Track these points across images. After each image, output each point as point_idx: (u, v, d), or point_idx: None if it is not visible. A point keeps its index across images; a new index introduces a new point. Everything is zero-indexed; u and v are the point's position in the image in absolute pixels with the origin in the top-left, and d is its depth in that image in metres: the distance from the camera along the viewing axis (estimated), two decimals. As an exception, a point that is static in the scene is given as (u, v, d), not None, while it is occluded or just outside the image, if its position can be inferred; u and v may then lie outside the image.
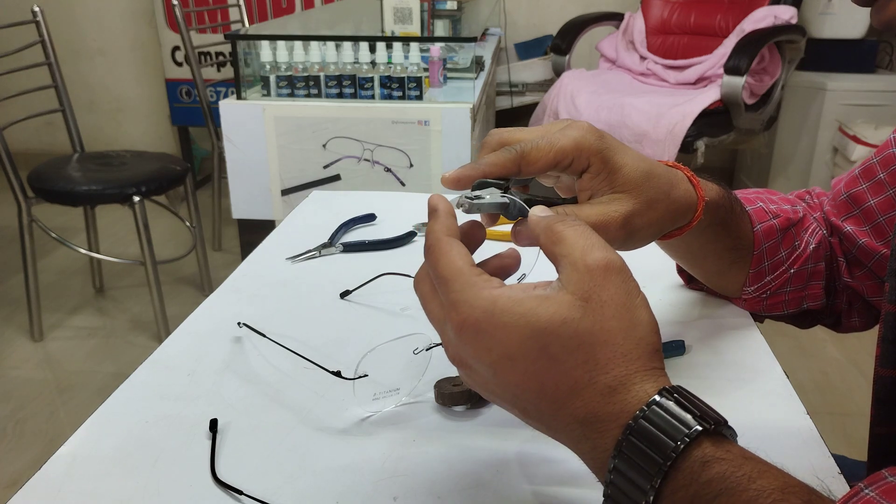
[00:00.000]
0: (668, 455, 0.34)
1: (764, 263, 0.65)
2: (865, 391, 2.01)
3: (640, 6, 3.08)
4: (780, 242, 0.66)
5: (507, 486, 0.50)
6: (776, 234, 0.65)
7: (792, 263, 0.66)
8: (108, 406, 0.59)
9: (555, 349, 0.37)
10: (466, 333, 0.38)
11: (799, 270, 0.67)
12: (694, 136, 2.50)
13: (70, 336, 2.31)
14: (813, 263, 0.68)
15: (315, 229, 0.93)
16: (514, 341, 0.37)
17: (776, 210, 0.66)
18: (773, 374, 0.63)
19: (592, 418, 0.36)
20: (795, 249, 0.67)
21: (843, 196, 0.69)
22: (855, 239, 0.67)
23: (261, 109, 1.99)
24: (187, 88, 3.43)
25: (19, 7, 2.47)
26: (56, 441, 0.54)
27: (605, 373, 0.36)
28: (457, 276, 0.39)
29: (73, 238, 2.57)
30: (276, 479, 0.51)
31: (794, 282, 0.67)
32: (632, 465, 0.35)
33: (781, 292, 0.68)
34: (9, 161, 2.07)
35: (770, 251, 0.65)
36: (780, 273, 0.66)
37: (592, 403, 0.36)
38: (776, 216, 0.65)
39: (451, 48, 2.31)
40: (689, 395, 0.37)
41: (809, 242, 0.67)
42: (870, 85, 2.95)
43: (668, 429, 0.34)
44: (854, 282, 0.69)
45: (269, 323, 0.70)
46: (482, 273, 0.40)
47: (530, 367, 0.37)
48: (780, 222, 0.65)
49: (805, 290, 0.68)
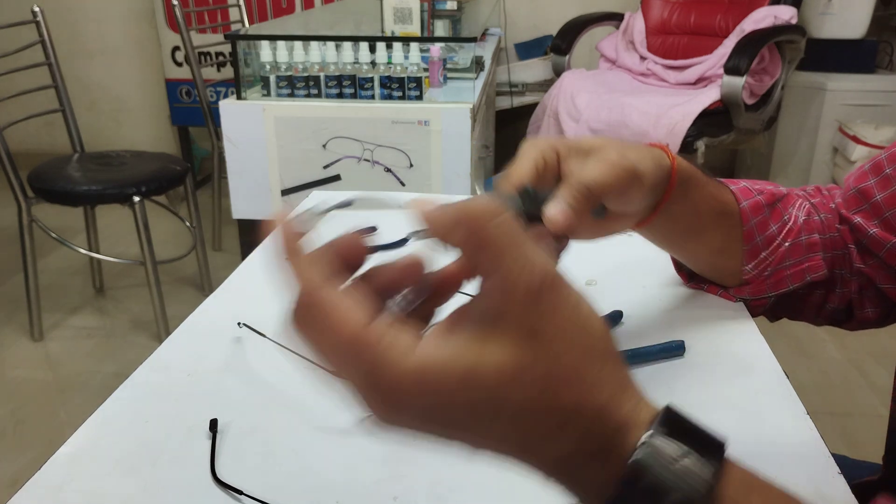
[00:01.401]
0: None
1: (756, 238, 0.67)
2: (866, 391, 2.01)
3: (640, 6, 3.08)
4: (768, 217, 0.67)
5: (508, 486, 0.50)
6: (763, 209, 0.67)
7: (785, 237, 0.68)
8: (108, 406, 0.59)
9: (512, 408, 0.30)
10: (399, 418, 0.31)
11: (793, 243, 0.68)
12: (694, 136, 2.50)
13: (70, 336, 2.31)
14: (806, 235, 0.69)
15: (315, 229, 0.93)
16: (460, 413, 0.30)
17: (760, 188, 0.68)
18: (773, 374, 0.63)
19: (567, 456, 0.32)
20: (786, 224, 0.68)
21: (853, 191, 0.70)
22: (865, 229, 0.68)
23: (261, 109, 1.99)
24: (187, 88, 3.43)
25: (19, 7, 2.47)
26: (56, 441, 0.54)
27: (576, 414, 0.31)
28: (356, 346, 0.30)
29: (73, 238, 2.57)
30: (276, 479, 0.51)
31: (792, 255, 0.68)
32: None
33: (782, 268, 0.68)
34: (9, 161, 2.07)
35: (760, 226, 0.67)
36: (774, 247, 0.68)
37: (566, 445, 0.32)
38: (761, 193, 0.67)
39: (451, 48, 2.31)
40: (681, 420, 0.32)
41: (798, 216, 0.69)
42: (870, 85, 2.96)
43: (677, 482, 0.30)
44: (867, 268, 0.70)
45: (269, 323, 0.70)
46: (391, 324, 0.31)
47: (486, 429, 0.31)
48: (766, 198, 0.67)
49: (805, 262, 0.69)
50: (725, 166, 3.60)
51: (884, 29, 3.17)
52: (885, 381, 2.04)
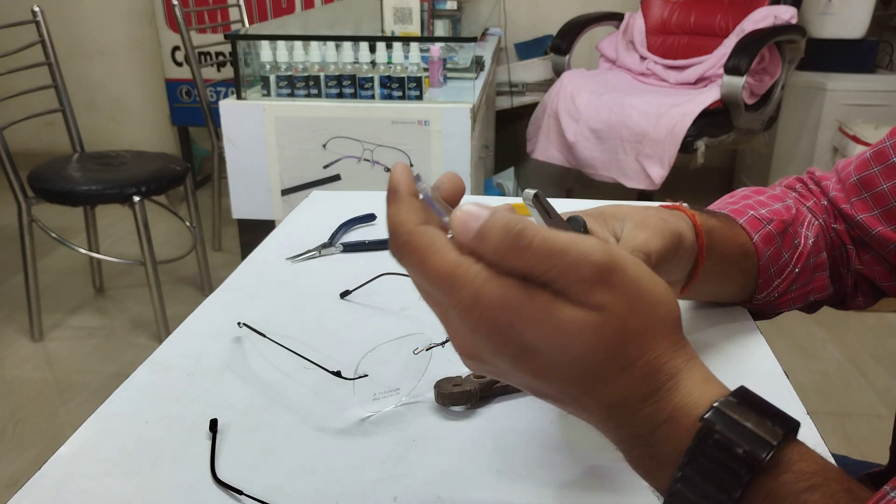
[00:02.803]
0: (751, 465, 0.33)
1: (770, 270, 0.65)
2: (866, 391, 2.01)
3: (640, 6, 3.08)
4: (780, 247, 0.65)
5: (508, 486, 0.50)
6: (775, 238, 0.65)
7: (796, 263, 0.66)
8: (108, 406, 0.59)
9: (579, 349, 0.34)
10: (483, 329, 0.34)
11: (803, 267, 0.67)
12: (694, 136, 2.50)
13: (70, 336, 2.31)
14: (814, 256, 0.68)
15: (315, 229, 0.93)
16: (535, 336, 0.34)
17: (768, 215, 0.66)
18: (773, 374, 0.63)
19: (623, 401, 0.36)
20: (797, 248, 0.66)
21: (854, 179, 0.68)
22: (868, 228, 0.67)
23: (261, 109, 1.99)
24: (187, 88, 3.43)
25: (19, 7, 2.47)
26: (56, 441, 0.54)
27: (635, 362, 0.35)
28: (454, 275, 0.33)
29: (73, 238, 2.57)
30: (276, 479, 0.51)
31: (801, 279, 0.67)
32: (706, 476, 0.34)
33: (788, 291, 0.68)
34: (9, 161, 2.07)
35: (773, 257, 0.65)
36: (786, 275, 0.66)
37: (624, 389, 0.36)
38: (769, 221, 0.65)
39: (451, 48, 2.31)
40: (752, 396, 0.36)
41: (808, 237, 0.67)
42: (870, 85, 2.95)
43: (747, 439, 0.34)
44: (865, 268, 0.69)
45: (269, 323, 0.70)
46: (477, 260, 0.34)
47: (554, 360, 0.35)
48: (776, 226, 0.65)
49: (810, 283, 0.68)
50: (725, 166, 3.59)
51: (884, 29, 3.17)
52: (885, 381, 2.04)
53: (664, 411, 0.36)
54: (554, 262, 0.33)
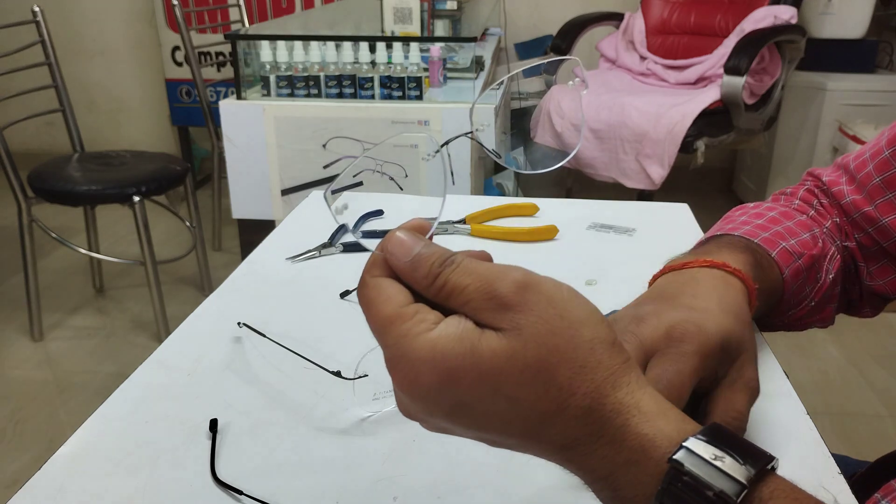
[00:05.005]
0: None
1: (790, 302, 0.65)
2: (865, 391, 2.01)
3: (640, 6, 3.08)
4: (805, 281, 0.65)
5: (508, 487, 0.50)
6: (802, 273, 0.64)
7: (814, 296, 0.66)
8: (108, 406, 0.59)
9: (509, 389, 0.34)
10: (411, 390, 0.35)
11: (819, 301, 0.67)
12: (694, 136, 2.49)
13: (70, 336, 2.31)
14: (830, 290, 0.67)
15: (315, 229, 0.93)
16: (463, 388, 0.34)
17: (798, 248, 0.64)
18: (773, 374, 0.63)
19: (573, 443, 0.35)
20: (817, 282, 0.66)
21: (877, 180, 0.67)
22: (891, 233, 0.66)
23: (261, 109, 1.99)
24: (187, 88, 3.43)
25: (19, 7, 2.47)
26: (56, 441, 0.54)
27: (571, 395, 0.34)
28: (388, 326, 0.35)
29: (73, 238, 2.57)
30: (276, 479, 0.51)
31: (814, 312, 0.68)
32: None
33: (797, 319, 0.68)
34: (9, 161, 2.07)
35: (796, 291, 0.64)
36: (803, 307, 0.66)
37: (569, 429, 0.34)
38: (800, 256, 0.64)
39: (451, 48, 2.31)
40: (723, 432, 0.34)
41: (829, 271, 0.66)
42: (870, 85, 2.95)
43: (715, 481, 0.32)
44: (875, 283, 0.68)
45: (269, 323, 0.70)
46: (419, 311, 0.35)
47: (489, 409, 0.34)
48: (805, 261, 0.64)
49: (819, 314, 0.68)
50: (725, 166, 3.60)
51: (884, 29, 3.17)
52: (885, 381, 2.04)
53: (621, 454, 0.34)
54: (472, 279, 0.34)
